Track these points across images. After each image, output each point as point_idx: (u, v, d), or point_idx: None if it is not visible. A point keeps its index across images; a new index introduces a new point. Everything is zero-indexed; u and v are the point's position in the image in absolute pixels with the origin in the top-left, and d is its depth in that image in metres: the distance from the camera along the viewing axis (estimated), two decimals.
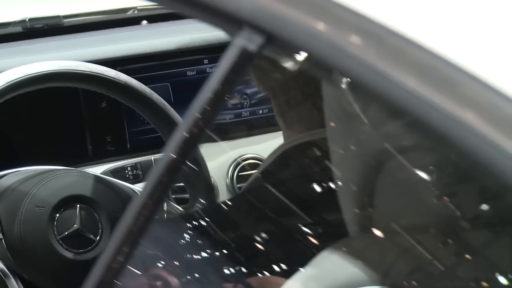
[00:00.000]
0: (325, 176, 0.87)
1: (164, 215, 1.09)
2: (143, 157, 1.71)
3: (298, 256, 0.82)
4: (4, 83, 1.46)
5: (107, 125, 1.85)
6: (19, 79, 1.47)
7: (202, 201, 1.58)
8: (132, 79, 1.56)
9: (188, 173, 1.57)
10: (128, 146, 1.86)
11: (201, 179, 1.58)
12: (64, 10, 2.21)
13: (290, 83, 1.03)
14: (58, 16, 2.13)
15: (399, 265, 0.74)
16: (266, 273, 0.90)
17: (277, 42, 0.61)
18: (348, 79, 0.64)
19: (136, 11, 2.28)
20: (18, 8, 2.24)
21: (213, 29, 1.99)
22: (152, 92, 1.56)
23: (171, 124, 1.56)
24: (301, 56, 0.64)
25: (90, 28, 2.14)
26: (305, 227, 0.87)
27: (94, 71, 1.53)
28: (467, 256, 0.74)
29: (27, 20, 2.11)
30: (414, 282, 0.74)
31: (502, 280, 0.66)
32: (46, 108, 1.80)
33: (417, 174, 0.74)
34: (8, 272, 1.52)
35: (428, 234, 0.76)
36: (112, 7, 2.29)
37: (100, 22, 2.18)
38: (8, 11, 2.21)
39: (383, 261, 0.75)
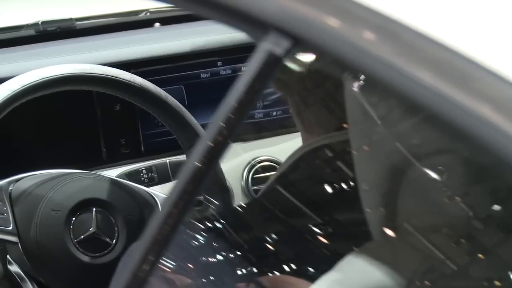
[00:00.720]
0: (347, 179, 0.87)
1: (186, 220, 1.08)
2: (158, 160, 1.70)
3: (321, 261, 0.81)
4: (20, 86, 1.45)
5: (121, 128, 1.85)
6: (34, 83, 1.46)
7: (216, 203, 1.57)
8: (147, 81, 1.55)
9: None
10: (142, 148, 1.86)
11: (215, 181, 1.57)
12: (76, 12, 2.21)
13: (311, 85, 1.03)
14: (71, 19, 2.13)
15: (426, 270, 0.74)
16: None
17: (304, 45, 0.61)
18: (372, 80, 0.64)
19: (148, 13, 2.27)
20: (31, 10, 2.24)
21: (227, 31, 1.99)
22: (167, 94, 1.56)
23: (186, 127, 1.56)
24: (326, 58, 0.63)
25: (103, 30, 2.14)
26: (327, 231, 0.86)
27: (109, 74, 1.52)
28: (480, 255, 0.74)
29: (40, 23, 2.11)
30: None
31: None
32: (60, 111, 1.80)
33: (442, 177, 0.73)
34: (24, 276, 1.52)
35: (452, 236, 0.76)
36: (124, 9, 2.28)
37: (113, 24, 2.18)
38: (21, 14, 2.21)
39: (409, 266, 0.74)
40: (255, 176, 1.85)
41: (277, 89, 1.17)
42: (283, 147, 1.90)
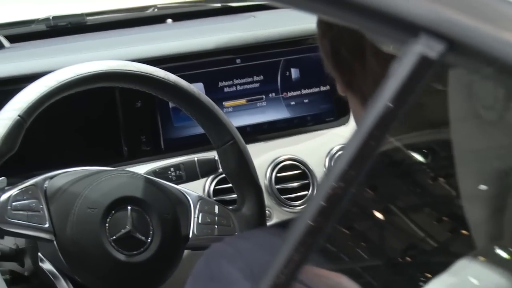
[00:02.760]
0: (445, 179, 0.87)
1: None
2: (185, 157, 1.69)
3: (430, 265, 0.82)
4: (56, 82, 1.44)
5: (142, 125, 1.84)
6: (70, 79, 1.45)
7: (250, 202, 1.57)
8: (181, 79, 1.55)
9: (236, 173, 1.57)
10: (162, 146, 1.85)
11: (249, 180, 1.57)
12: (86, 8, 2.19)
13: None
14: (82, 14, 2.12)
15: None
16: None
17: (459, 48, 0.61)
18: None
19: (156, 9, 2.27)
20: (42, 5, 2.22)
21: (245, 29, 1.98)
22: (200, 92, 1.56)
23: (219, 125, 1.55)
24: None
25: (114, 26, 2.13)
26: (431, 233, 0.87)
27: (144, 71, 1.51)
28: None
29: (51, 18, 2.09)
30: None
31: None
32: (82, 108, 1.78)
33: None
34: (57, 274, 1.50)
35: None
36: (133, 5, 2.27)
37: (124, 20, 2.17)
38: (32, 9, 2.19)
39: None
40: (278, 175, 1.85)
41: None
42: (306, 146, 1.91)
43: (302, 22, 1.92)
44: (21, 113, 1.41)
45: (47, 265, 1.51)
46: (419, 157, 0.94)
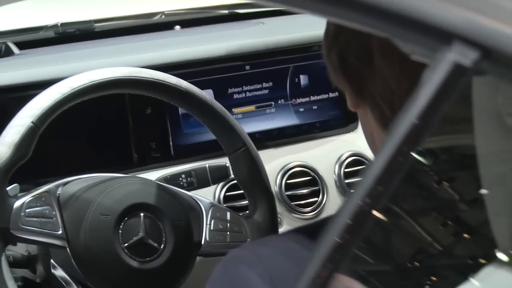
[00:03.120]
0: (468, 185, 0.87)
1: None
2: (197, 164, 1.69)
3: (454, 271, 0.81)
4: (70, 89, 1.44)
5: (152, 132, 1.84)
6: (84, 86, 1.45)
7: (262, 209, 1.57)
8: (193, 86, 1.55)
9: (248, 180, 1.57)
10: (172, 152, 1.85)
11: (261, 187, 1.57)
12: (93, 14, 2.20)
13: None
14: (90, 21, 2.12)
15: None
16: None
17: (493, 56, 0.61)
18: None
19: (163, 16, 2.27)
20: (50, 12, 2.22)
21: (255, 36, 1.98)
22: (213, 99, 1.56)
23: (231, 131, 1.55)
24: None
25: (122, 33, 2.14)
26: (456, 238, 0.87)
27: (156, 77, 1.52)
28: None
29: (59, 24, 2.09)
30: None
31: None
32: (92, 115, 1.78)
33: None
34: (70, 280, 1.50)
35: None
36: (142, 12, 2.28)
37: (132, 27, 2.17)
38: (40, 16, 2.19)
39: None
40: (288, 181, 1.85)
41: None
42: (315, 153, 1.91)
43: (311, 29, 1.92)
44: (35, 120, 1.41)
45: (59, 272, 1.51)
46: (438, 162, 0.94)
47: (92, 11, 2.23)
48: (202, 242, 1.53)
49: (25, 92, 1.71)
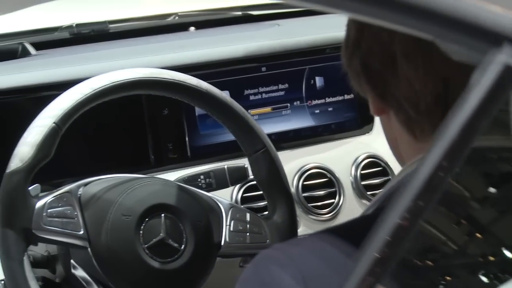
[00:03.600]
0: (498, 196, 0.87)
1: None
2: (215, 165, 1.70)
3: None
4: (91, 90, 1.44)
5: (169, 133, 1.84)
6: (105, 87, 1.45)
7: (281, 210, 1.57)
8: (213, 87, 1.55)
9: (267, 181, 1.57)
10: (189, 153, 1.86)
11: (280, 188, 1.57)
12: (107, 15, 2.20)
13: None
14: (105, 22, 2.12)
15: None
16: None
17: None
18: None
19: (177, 17, 2.27)
20: (65, 12, 2.22)
21: (272, 37, 1.98)
22: (233, 100, 1.56)
23: (251, 133, 1.56)
24: None
25: (137, 34, 2.14)
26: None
27: (177, 78, 1.52)
28: None
29: (74, 25, 2.10)
30: None
31: None
32: (109, 116, 1.79)
33: None
34: (90, 280, 1.50)
35: None
36: (156, 13, 2.28)
37: (146, 28, 2.17)
38: (55, 16, 2.20)
39: None
40: (305, 183, 1.85)
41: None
42: (331, 154, 1.91)
43: (327, 31, 1.93)
44: (57, 120, 1.41)
45: (80, 272, 1.51)
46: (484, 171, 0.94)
47: (106, 12, 2.23)
48: (222, 243, 1.53)
49: (43, 92, 1.71)
